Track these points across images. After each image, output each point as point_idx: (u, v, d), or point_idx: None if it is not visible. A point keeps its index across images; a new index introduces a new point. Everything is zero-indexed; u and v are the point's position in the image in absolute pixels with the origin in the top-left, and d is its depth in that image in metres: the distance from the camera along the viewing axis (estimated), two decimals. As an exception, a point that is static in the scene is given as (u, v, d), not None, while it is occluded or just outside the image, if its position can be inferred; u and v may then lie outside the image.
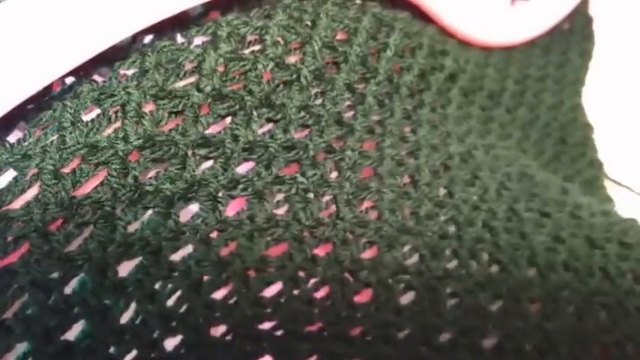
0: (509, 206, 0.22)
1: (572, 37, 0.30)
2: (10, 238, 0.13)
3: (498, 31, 0.26)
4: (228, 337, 0.15)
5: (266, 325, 0.16)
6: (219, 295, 0.16)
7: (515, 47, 0.27)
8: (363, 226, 0.18)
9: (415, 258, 0.19)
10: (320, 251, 0.17)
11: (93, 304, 0.14)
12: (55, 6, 0.15)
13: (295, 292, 0.17)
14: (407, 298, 0.18)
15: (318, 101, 0.19)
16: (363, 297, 0.18)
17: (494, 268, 0.20)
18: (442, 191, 0.21)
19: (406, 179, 0.20)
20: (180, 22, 0.17)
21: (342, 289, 0.17)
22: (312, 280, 0.17)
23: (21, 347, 0.13)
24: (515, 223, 0.21)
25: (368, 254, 0.18)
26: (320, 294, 0.17)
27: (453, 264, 0.20)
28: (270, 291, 0.16)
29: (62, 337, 0.13)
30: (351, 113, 0.19)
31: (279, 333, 0.16)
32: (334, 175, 0.18)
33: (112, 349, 0.14)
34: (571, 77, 0.29)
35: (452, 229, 0.20)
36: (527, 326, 0.20)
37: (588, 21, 0.31)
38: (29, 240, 0.13)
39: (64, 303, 0.13)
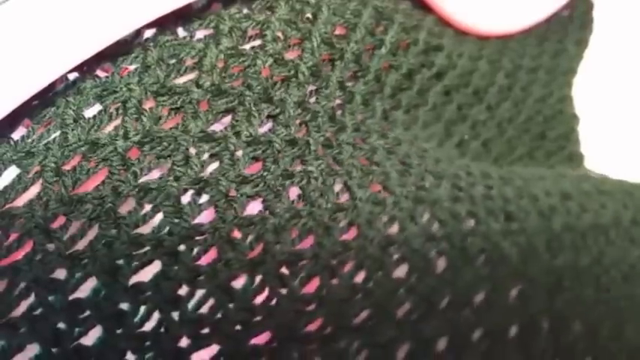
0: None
1: (571, 25, 0.30)
2: (13, 236, 0.14)
3: (498, 19, 0.26)
4: (274, 344, 0.15)
5: (312, 327, 0.16)
6: (257, 299, 0.15)
7: (511, 36, 0.27)
8: (380, 204, 0.19)
9: (436, 225, 0.19)
10: (348, 237, 0.18)
11: (105, 307, 0.14)
12: (57, 3, 0.15)
13: (334, 281, 0.17)
14: (441, 265, 0.19)
15: (313, 98, 0.19)
16: (400, 272, 0.18)
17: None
18: (434, 166, 0.21)
19: (399, 164, 0.20)
20: (183, 14, 0.17)
21: (380, 268, 0.17)
22: (348, 266, 0.17)
23: (32, 350, 0.13)
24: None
25: (393, 230, 0.18)
26: (359, 278, 0.17)
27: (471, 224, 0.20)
28: (310, 287, 0.16)
29: (74, 341, 0.13)
30: (340, 112, 0.20)
31: (327, 331, 0.16)
32: (338, 167, 0.19)
33: (129, 356, 0.14)
34: (564, 67, 0.29)
35: (458, 187, 0.21)
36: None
37: (589, 7, 0.30)
38: (33, 237, 0.14)
39: (73, 305, 0.14)
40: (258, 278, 0.16)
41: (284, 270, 0.16)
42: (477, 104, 0.25)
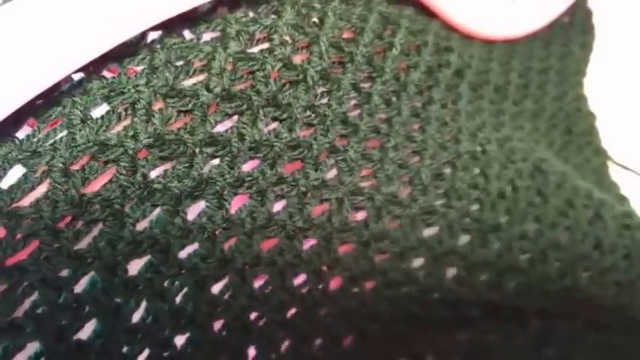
0: (508, 210, 0.22)
1: (573, 30, 0.30)
2: (19, 236, 0.13)
3: (501, 25, 0.26)
4: (224, 332, 0.16)
5: (252, 315, 0.17)
6: (216, 289, 0.16)
7: (517, 40, 0.27)
8: (347, 230, 0.19)
9: (385, 256, 0.20)
10: (305, 246, 0.18)
11: (104, 302, 0.14)
12: (64, 2, 0.14)
13: (280, 284, 0.17)
14: (371, 291, 0.20)
15: (324, 100, 0.19)
16: (334, 284, 0.19)
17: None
18: (439, 200, 0.21)
19: (405, 179, 0.21)
20: (189, 17, 0.17)
21: (319, 280, 0.18)
22: (296, 272, 0.18)
23: (33, 347, 0.13)
24: (508, 232, 0.22)
25: (344, 249, 0.19)
26: (298, 281, 0.18)
27: (422, 273, 0.21)
28: (258, 282, 0.17)
29: (74, 337, 0.13)
30: (356, 112, 0.19)
31: (261, 322, 0.17)
32: (333, 173, 0.19)
33: (125, 349, 0.14)
34: (573, 68, 0.29)
35: (435, 239, 0.21)
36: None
37: (588, 14, 0.31)
38: (39, 237, 0.13)
39: (75, 302, 0.13)
40: (223, 272, 0.16)
41: (246, 269, 0.17)
42: (504, 100, 0.25)
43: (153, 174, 0.15)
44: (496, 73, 0.25)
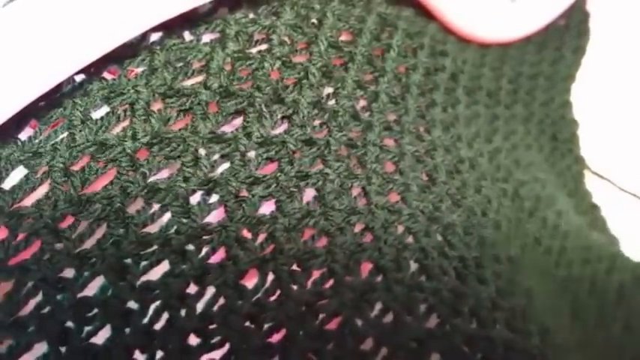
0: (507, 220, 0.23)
1: (568, 34, 0.30)
2: (21, 236, 0.14)
3: (498, 28, 0.26)
4: (287, 343, 0.15)
5: (331, 325, 0.16)
6: (267, 295, 0.15)
7: (510, 45, 0.27)
8: (396, 213, 0.19)
9: (447, 248, 0.19)
10: (363, 240, 0.18)
11: (112, 305, 0.14)
12: (65, 5, 0.15)
13: (348, 278, 0.17)
14: (450, 277, 0.19)
15: (332, 101, 0.19)
16: (417, 275, 0.18)
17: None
18: (456, 192, 0.21)
19: (424, 177, 0.21)
20: (189, 18, 0.17)
21: (398, 269, 0.17)
22: (363, 265, 0.17)
23: (40, 349, 0.13)
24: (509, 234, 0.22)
25: (408, 239, 0.19)
26: (375, 276, 0.17)
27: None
28: (324, 283, 0.16)
29: (84, 341, 0.13)
30: (367, 113, 0.20)
31: (345, 330, 0.16)
32: (359, 171, 0.19)
33: (138, 354, 0.14)
34: (563, 74, 0.29)
35: (471, 223, 0.21)
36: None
37: (585, 17, 0.31)
38: (40, 237, 0.14)
39: (81, 303, 0.14)
40: (269, 276, 0.16)
41: (295, 268, 0.16)
42: (497, 105, 0.25)
43: (158, 176, 0.16)
44: (488, 79, 0.25)
